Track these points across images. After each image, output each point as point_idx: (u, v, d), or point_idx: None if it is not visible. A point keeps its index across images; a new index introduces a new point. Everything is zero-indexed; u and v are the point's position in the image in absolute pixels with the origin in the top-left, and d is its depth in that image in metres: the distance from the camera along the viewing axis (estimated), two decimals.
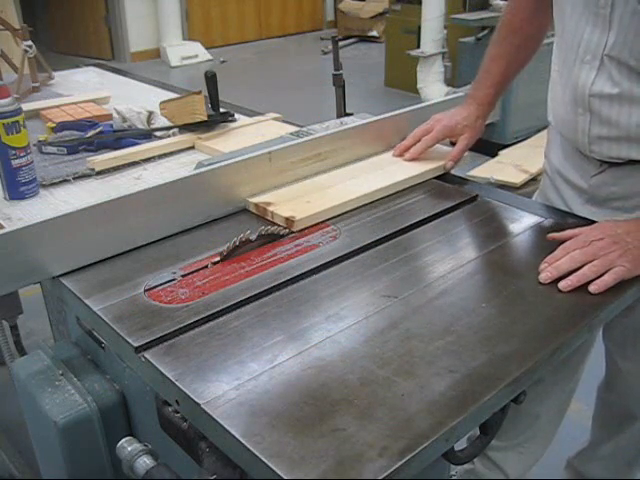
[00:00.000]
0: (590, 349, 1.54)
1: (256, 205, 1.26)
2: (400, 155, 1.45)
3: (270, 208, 1.23)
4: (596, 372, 1.65)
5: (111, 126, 1.67)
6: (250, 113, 1.87)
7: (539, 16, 1.38)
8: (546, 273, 1.06)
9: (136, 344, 0.90)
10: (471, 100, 1.43)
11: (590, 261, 1.05)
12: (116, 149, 1.57)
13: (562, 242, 1.12)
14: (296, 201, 1.26)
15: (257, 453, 0.71)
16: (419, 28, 5.06)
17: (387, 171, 1.39)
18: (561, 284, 1.04)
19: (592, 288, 1.03)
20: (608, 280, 1.04)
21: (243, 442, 0.73)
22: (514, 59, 1.42)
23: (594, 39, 1.18)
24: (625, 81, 1.17)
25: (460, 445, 0.95)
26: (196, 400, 0.79)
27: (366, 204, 1.29)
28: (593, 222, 1.21)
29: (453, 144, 1.44)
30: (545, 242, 1.17)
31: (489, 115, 1.45)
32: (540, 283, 1.03)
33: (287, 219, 1.20)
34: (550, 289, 1.02)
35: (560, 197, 1.40)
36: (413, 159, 1.43)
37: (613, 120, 1.21)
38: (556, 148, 1.41)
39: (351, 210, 1.27)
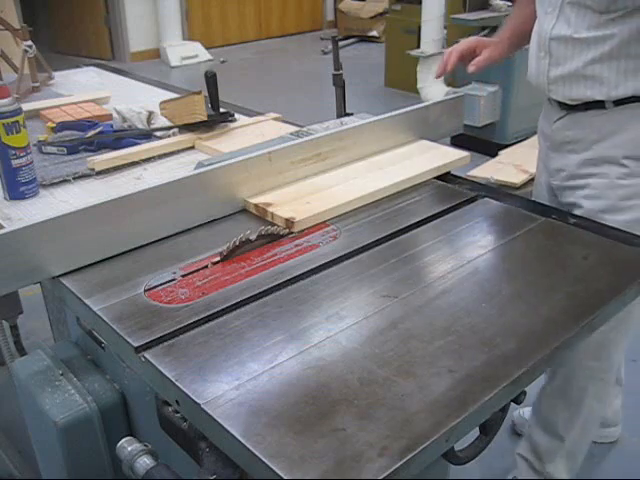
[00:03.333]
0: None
1: (256, 206, 1.26)
2: (442, 73, 1.59)
3: (270, 209, 1.23)
4: None
5: (111, 126, 1.67)
6: (250, 113, 1.87)
7: None
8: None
9: (136, 344, 0.90)
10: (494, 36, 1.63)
11: None
12: (116, 149, 1.57)
13: None
14: (296, 202, 1.26)
15: (257, 453, 0.71)
16: (419, 28, 5.05)
17: (387, 171, 1.39)
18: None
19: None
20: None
21: (243, 442, 0.73)
22: (529, 19, 1.52)
23: None
24: (580, 23, 1.33)
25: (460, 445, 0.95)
26: (196, 400, 0.79)
27: (366, 204, 1.29)
28: (594, 222, 1.21)
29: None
30: (545, 242, 1.17)
31: (508, 49, 1.59)
32: (540, 283, 1.03)
33: (287, 220, 1.20)
34: (550, 289, 1.02)
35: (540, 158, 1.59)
36: (450, 72, 1.59)
37: (568, 59, 1.36)
38: (541, 120, 1.57)
39: (351, 210, 1.27)
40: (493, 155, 3.40)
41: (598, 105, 1.36)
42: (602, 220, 1.30)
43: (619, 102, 1.35)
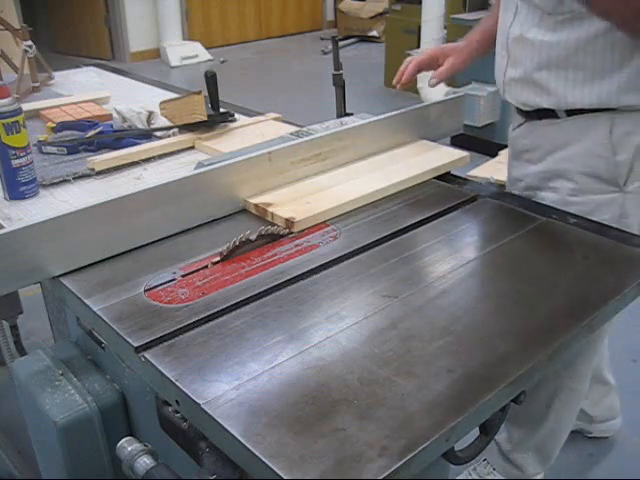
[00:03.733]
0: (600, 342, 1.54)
1: (256, 206, 1.26)
2: (397, 82, 1.54)
3: (270, 209, 1.23)
4: None
5: (111, 126, 1.67)
6: (250, 113, 1.87)
7: None
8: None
9: (136, 344, 0.90)
10: (461, 41, 1.57)
11: None
12: (116, 149, 1.57)
13: None
14: (296, 202, 1.26)
15: (257, 453, 0.71)
16: (419, 28, 5.06)
17: (387, 171, 1.39)
18: None
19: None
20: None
21: (243, 442, 0.73)
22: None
23: None
24: (531, 22, 1.30)
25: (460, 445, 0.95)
26: (196, 400, 0.79)
27: (366, 204, 1.29)
28: (594, 222, 1.21)
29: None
30: (545, 242, 1.17)
31: (475, 52, 1.55)
32: (540, 283, 1.03)
33: (287, 220, 1.19)
34: (550, 289, 1.02)
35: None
36: (407, 83, 1.55)
37: (520, 61, 1.34)
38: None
39: (351, 210, 1.27)
40: (493, 155, 3.40)
41: (551, 114, 1.34)
42: None
43: (571, 112, 1.31)
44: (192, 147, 1.62)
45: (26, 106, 1.74)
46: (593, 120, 1.29)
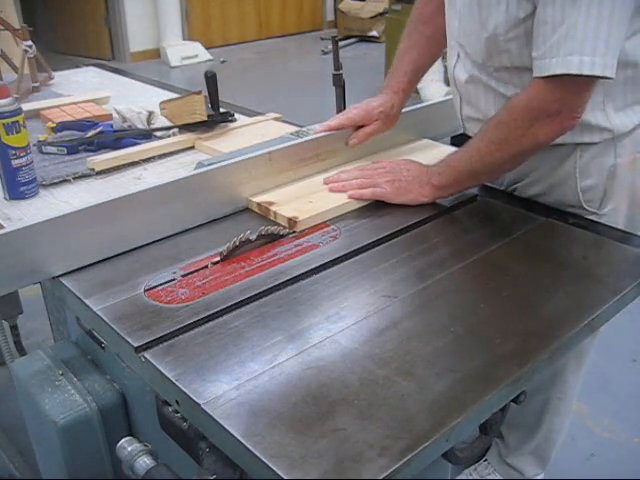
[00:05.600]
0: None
1: (259, 205, 1.26)
2: (322, 131, 1.43)
3: (273, 208, 1.23)
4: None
5: (111, 126, 1.67)
6: (250, 113, 1.86)
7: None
8: (330, 178, 1.30)
9: (136, 344, 0.90)
10: (387, 89, 1.47)
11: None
12: (116, 149, 1.57)
13: None
14: (298, 201, 1.26)
15: (257, 453, 0.71)
16: None
17: None
18: (329, 186, 1.27)
19: (349, 193, 1.25)
20: (365, 193, 1.25)
21: (243, 442, 0.73)
22: (426, 49, 1.47)
23: (453, 25, 1.30)
24: (473, 68, 1.27)
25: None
26: (196, 400, 0.79)
27: (367, 204, 1.29)
28: (594, 222, 1.21)
29: None
30: (545, 242, 1.17)
31: (404, 102, 1.48)
32: (540, 283, 1.03)
33: (290, 219, 1.20)
34: (550, 289, 1.02)
35: None
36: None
37: (474, 102, 1.31)
38: None
39: (353, 210, 1.27)
40: None
41: None
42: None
43: None
44: (192, 147, 1.62)
45: (26, 106, 1.74)
46: (557, 150, 1.25)
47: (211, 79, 1.64)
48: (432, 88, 5.06)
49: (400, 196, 1.26)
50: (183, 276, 1.06)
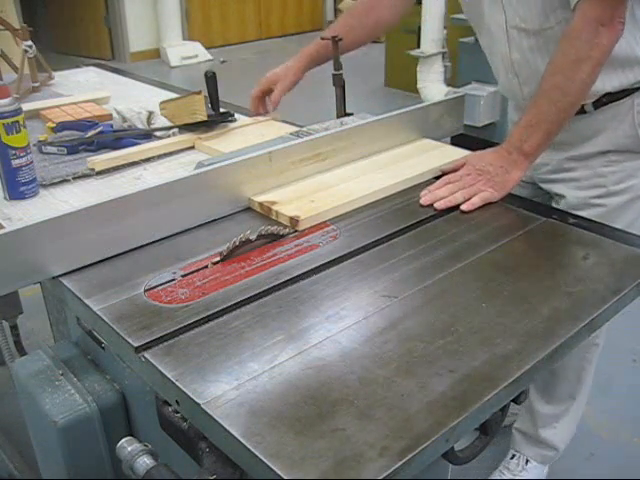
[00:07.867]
0: None
1: (260, 204, 1.26)
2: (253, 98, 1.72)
3: (275, 207, 1.23)
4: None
5: (111, 126, 1.67)
6: (250, 113, 1.86)
7: (387, 6, 1.72)
8: (425, 197, 1.27)
9: (136, 344, 0.90)
10: (299, 53, 1.72)
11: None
12: (116, 149, 1.57)
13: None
14: (300, 200, 1.26)
15: (257, 453, 0.71)
16: (419, 28, 5.05)
17: (388, 171, 1.39)
18: (437, 204, 1.25)
19: (463, 207, 1.24)
20: (475, 201, 1.25)
21: (243, 442, 0.73)
22: (344, 36, 1.62)
23: (499, 15, 1.40)
24: (530, 40, 1.37)
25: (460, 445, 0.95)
26: (196, 400, 0.79)
27: (367, 204, 1.29)
28: (594, 222, 1.21)
29: None
30: (545, 242, 1.17)
31: (307, 66, 1.72)
32: (540, 283, 1.03)
33: (292, 218, 1.20)
34: (550, 289, 1.02)
35: None
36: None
37: (533, 77, 1.37)
38: (511, 111, 1.72)
39: (354, 210, 1.27)
40: None
41: (579, 110, 1.37)
42: (596, 205, 1.38)
43: (597, 105, 1.39)
44: (192, 147, 1.62)
45: (26, 106, 1.74)
46: (616, 107, 1.38)
47: (211, 79, 1.64)
48: (432, 88, 5.06)
49: (504, 189, 1.29)
50: (183, 276, 1.06)
